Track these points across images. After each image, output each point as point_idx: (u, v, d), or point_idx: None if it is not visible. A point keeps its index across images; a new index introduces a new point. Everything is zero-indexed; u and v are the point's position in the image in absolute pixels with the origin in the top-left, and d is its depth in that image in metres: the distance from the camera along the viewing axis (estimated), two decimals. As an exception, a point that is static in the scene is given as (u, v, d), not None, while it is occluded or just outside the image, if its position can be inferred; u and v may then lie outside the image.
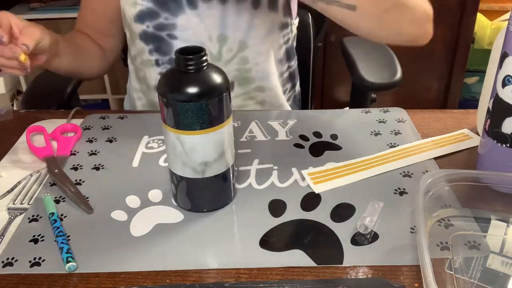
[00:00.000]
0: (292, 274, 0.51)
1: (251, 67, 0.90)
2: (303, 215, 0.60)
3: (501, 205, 0.60)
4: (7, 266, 0.53)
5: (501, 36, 0.61)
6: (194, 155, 0.56)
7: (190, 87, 0.53)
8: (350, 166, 0.68)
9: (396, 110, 0.83)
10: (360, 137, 0.75)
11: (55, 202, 0.62)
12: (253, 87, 0.92)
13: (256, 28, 0.87)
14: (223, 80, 0.55)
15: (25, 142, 0.75)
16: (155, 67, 0.90)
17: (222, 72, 0.56)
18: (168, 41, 0.87)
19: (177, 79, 0.54)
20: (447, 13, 1.95)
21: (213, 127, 0.55)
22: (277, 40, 0.92)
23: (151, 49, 0.89)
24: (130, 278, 0.51)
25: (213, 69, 0.55)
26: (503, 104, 0.59)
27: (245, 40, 0.87)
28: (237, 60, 0.89)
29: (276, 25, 0.90)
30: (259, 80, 0.92)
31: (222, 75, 0.55)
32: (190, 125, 0.54)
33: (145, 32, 0.87)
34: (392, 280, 0.50)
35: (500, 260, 0.52)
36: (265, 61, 0.91)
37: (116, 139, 0.77)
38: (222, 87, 0.54)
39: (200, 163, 0.56)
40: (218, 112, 0.55)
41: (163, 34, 0.86)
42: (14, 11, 2.04)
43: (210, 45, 0.87)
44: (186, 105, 0.53)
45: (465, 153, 0.72)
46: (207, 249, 0.55)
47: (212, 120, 0.54)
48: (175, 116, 0.54)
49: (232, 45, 0.87)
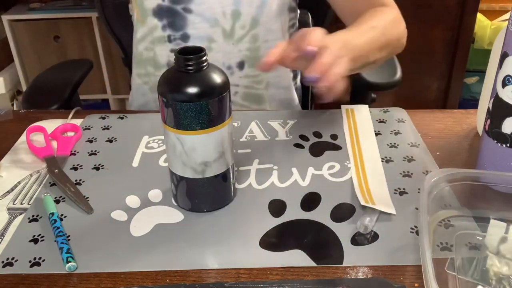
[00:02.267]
0: (292, 274, 0.51)
1: (261, 45, 0.91)
2: (303, 215, 0.60)
3: (501, 204, 0.60)
4: (7, 266, 0.53)
5: (501, 36, 0.61)
6: (194, 155, 0.56)
7: (190, 87, 0.53)
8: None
9: (396, 110, 0.83)
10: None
11: (55, 202, 0.62)
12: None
13: (269, 5, 0.89)
14: (223, 80, 0.55)
15: (25, 142, 0.75)
16: (167, 44, 0.91)
17: (222, 72, 0.56)
18: (183, 15, 0.88)
19: (177, 79, 0.54)
20: (447, 13, 1.95)
21: (213, 127, 0.55)
22: (285, 22, 0.94)
23: (164, 25, 0.90)
24: (130, 278, 0.51)
25: (213, 69, 0.55)
26: (503, 104, 0.59)
27: (257, 17, 0.89)
28: (248, 38, 0.90)
29: (286, 6, 0.92)
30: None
31: (222, 75, 0.55)
32: (190, 125, 0.54)
33: (160, 6, 0.88)
34: (392, 280, 0.50)
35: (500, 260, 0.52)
36: (274, 40, 0.92)
37: (116, 139, 0.77)
38: (222, 87, 0.54)
39: (200, 163, 0.56)
40: (218, 112, 0.55)
41: (179, 8, 0.88)
42: (14, 11, 2.04)
43: (224, 21, 0.88)
44: (186, 105, 0.53)
45: (465, 153, 0.72)
46: (207, 249, 0.55)
47: (212, 120, 0.54)
48: (175, 116, 0.54)
49: (244, 21, 0.89)
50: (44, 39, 2.06)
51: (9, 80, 2.11)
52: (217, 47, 0.90)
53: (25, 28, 2.03)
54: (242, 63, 0.92)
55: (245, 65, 0.92)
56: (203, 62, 0.54)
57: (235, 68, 0.92)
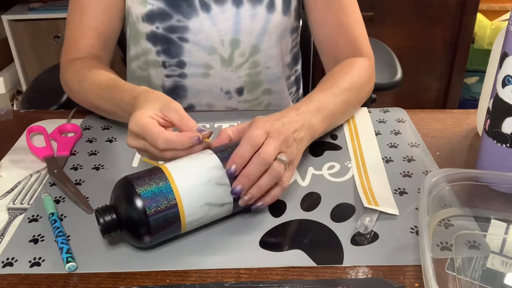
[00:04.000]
0: (292, 274, 0.51)
1: (261, 70, 0.89)
2: (303, 215, 0.60)
3: (501, 204, 0.60)
4: (7, 266, 0.53)
5: (501, 36, 0.61)
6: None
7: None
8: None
9: (396, 110, 0.83)
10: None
11: (55, 202, 0.62)
12: (260, 90, 0.92)
13: (269, 33, 0.86)
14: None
15: (25, 142, 0.75)
16: (162, 69, 0.88)
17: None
18: (178, 44, 0.85)
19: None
20: (447, 13, 1.95)
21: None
22: (287, 45, 0.91)
23: (158, 50, 0.86)
24: (130, 278, 0.51)
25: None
26: (503, 104, 0.59)
27: (257, 45, 0.86)
28: (248, 64, 0.88)
29: (288, 29, 0.89)
30: (268, 83, 0.92)
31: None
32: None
33: (154, 33, 0.84)
34: (392, 280, 0.50)
35: (500, 260, 0.52)
36: (275, 66, 0.90)
37: (116, 139, 0.77)
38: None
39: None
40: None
41: (174, 37, 0.84)
42: (14, 11, 2.04)
43: (222, 49, 0.85)
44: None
45: (465, 153, 0.72)
46: (207, 249, 0.55)
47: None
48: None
49: (244, 49, 0.86)
50: (44, 39, 2.05)
51: (9, 80, 2.11)
52: (215, 73, 0.88)
53: (25, 28, 2.03)
54: (241, 88, 0.90)
55: (244, 90, 0.90)
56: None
57: (233, 93, 0.90)
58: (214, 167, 0.55)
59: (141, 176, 0.53)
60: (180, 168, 0.55)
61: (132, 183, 0.52)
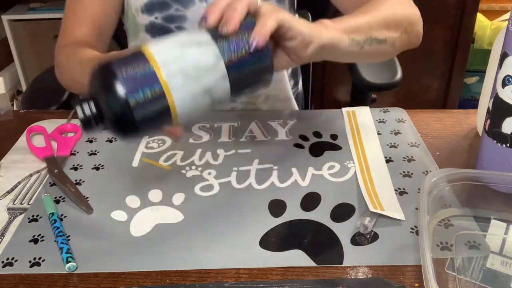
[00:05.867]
0: (292, 274, 0.51)
1: None
2: (303, 215, 0.60)
3: (501, 204, 0.60)
4: (7, 266, 0.53)
5: (501, 36, 0.61)
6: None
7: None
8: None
9: (396, 110, 0.83)
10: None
11: (55, 202, 0.62)
12: None
13: None
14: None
15: (25, 142, 0.75)
16: None
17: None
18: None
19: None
20: (447, 13, 1.95)
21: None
22: None
23: None
24: (130, 278, 0.51)
25: None
26: (503, 104, 0.59)
27: None
28: None
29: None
30: None
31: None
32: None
33: (153, 23, 0.85)
34: (392, 280, 0.50)
35: (500, 260, 0.52)
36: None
37: (116, 139, 0.77)
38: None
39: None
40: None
41: (172, 26, 0.85)
42: (14, 11, 2.04)
43: None
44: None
45: (465, 153, 0.72)
46: (207, 249, 0.55)
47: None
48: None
49: None
50: (44, 39, 2.05)
51: (9, 80, 2.12)
52: None
53: (25, 28, 2.03)
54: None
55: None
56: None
57: None
58: (195, 34, 0.51)
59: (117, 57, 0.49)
60: (159, 42, 0.51)
61: (109, 66, 0.48)
